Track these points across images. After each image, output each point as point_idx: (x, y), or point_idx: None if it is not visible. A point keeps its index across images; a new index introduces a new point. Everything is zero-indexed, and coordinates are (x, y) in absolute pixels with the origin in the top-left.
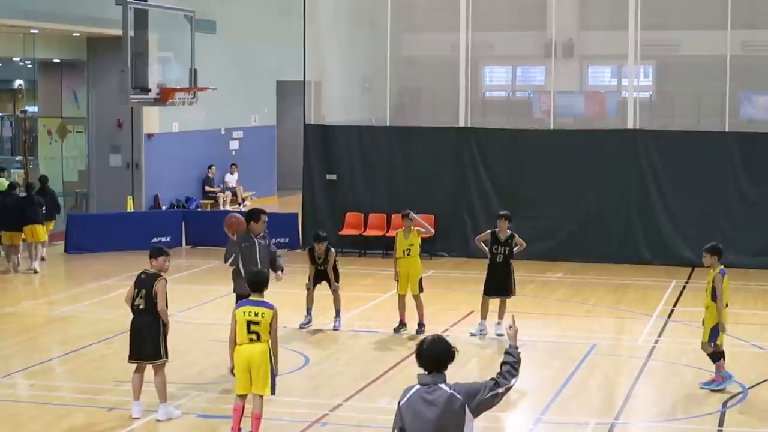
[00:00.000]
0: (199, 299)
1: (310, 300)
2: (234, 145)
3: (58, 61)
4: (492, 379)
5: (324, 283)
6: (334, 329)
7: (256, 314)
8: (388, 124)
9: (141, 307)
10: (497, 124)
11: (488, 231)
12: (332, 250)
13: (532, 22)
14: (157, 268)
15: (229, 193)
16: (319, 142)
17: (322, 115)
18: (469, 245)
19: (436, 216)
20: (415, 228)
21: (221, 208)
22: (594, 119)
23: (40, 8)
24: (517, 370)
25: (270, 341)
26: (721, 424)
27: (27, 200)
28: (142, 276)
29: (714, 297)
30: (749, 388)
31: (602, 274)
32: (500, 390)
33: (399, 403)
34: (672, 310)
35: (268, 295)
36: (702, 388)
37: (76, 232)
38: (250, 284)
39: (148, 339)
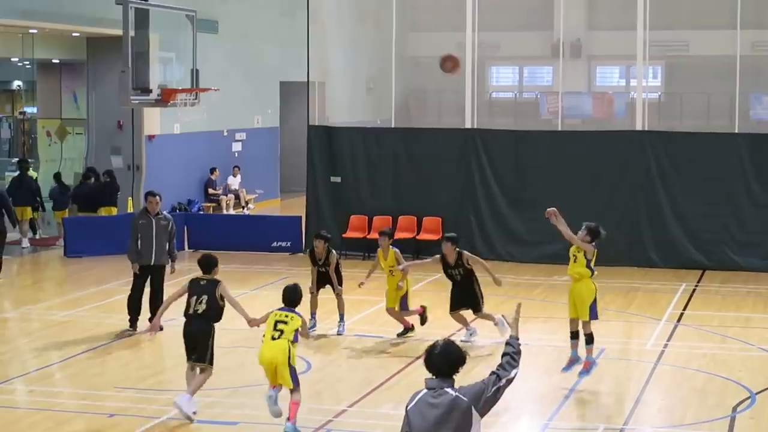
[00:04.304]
0: None
1: (314, 304)
2: (237, 146)
3: (57, 61)
4: (493, 372)
5: (327, 287)
6: (337, 334)
7: (286, 316)
8: (393, 126)
9: (200, 312)
10: (504, 125)
11: (437, 256)
12: (333, 252)
13: (539, 22)
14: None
15: (231, 196)
16: (323, 144)
17: (326, 117)
18: (475, 247)
19: (442, 218)
20: (394, 249)
21: (224, 211)
22: (602, 120)
23: (39, 8)
24: (517, 361)
25: (290, 340)
26: (731, 429)
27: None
28: (202, 282)
29: (588, 266)
30: (758, 393)
31: (610, 277)
32: (501, 383)
33: (407, 407)
34: (681, 314)
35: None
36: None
37: (75, 235)
38: (286, 300)
39: (203, 342)
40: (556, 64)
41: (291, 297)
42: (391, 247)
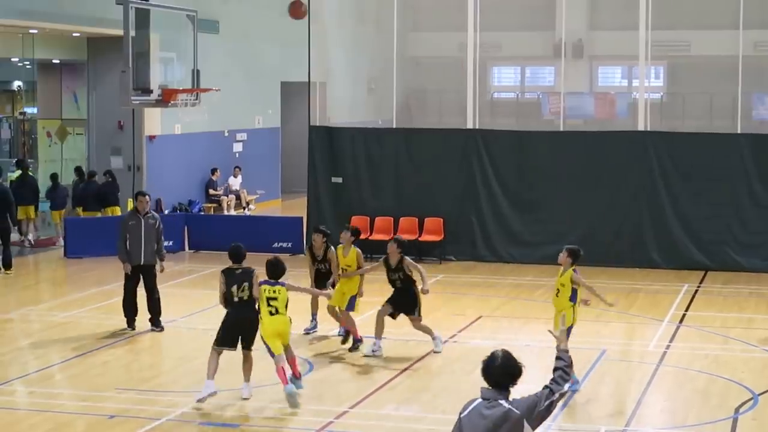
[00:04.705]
0: (202, 304)
1: (314, 305)
2: (237, 147)
3: (57, 61)
4: (546, 387)
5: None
6: (339, 335)
7: (274, 291)
8: (394, 126)
9: (245, 298)
10: (506, 125)
11: (382, 258)
12: (332, 248)
13: (541, 22)
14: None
15: (232, 197)
16: (324, 144)
17: (327, 117)
18: (477, 248)
19: (444, 219)
20: (357, 249)
21: (225, 212)
22: (604, 120)
23: (39, 8)
24: (569, 374)
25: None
26: (733, 430)
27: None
28: (237, 271)
29: (573, 299)
30: (760, 394)
31: (612, 278)
32: (555, 397)
33: (460, 414)
34: (684, 315)
35: None
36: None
37: (75, 236)
38: (270, 273)
39: (253, 330)
40: (558, 64)
41: (275, 270)
42: (353, 246)
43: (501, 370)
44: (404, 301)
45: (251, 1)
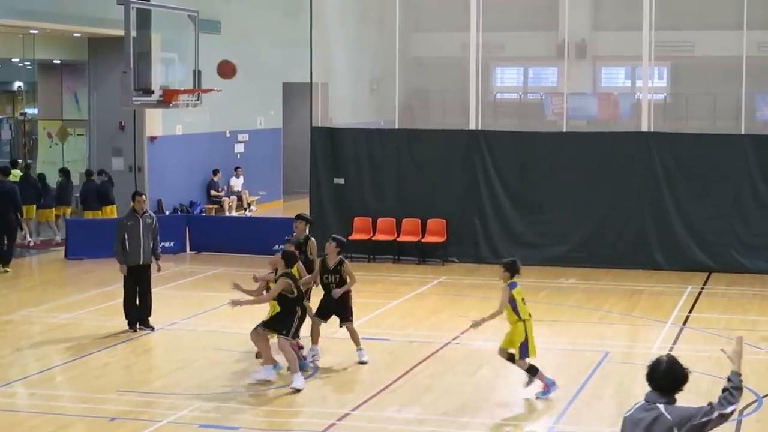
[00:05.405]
0: (203, 306)
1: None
2: (239, 148)
3: (58, 62)
4: (709, 403)
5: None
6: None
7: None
8: (396, 127)
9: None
10: (508, 126)
11: (320, 259)
12: (312, 239)
13: (544, 22)
14: None
15: (234, 198)
16: (326, 145)
17: (329, 118)
18: (480, 250)
19: (447, 220)
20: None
21: (226, 213)
22: (607, 121)
23: (39, 8)
24: (735, 397)
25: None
26: None
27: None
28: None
29: (515, 312)
30: (765, 396)
31: (616, 279)
32: (713, 416)
33: (624, 414)
34: (687, 317)
35: None
36: (538, 398)
37: (76, 237)
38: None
39: None
40: (561, 64)
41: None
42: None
43: (663, 375)
44: (335, 306)
45: (253, 2)
